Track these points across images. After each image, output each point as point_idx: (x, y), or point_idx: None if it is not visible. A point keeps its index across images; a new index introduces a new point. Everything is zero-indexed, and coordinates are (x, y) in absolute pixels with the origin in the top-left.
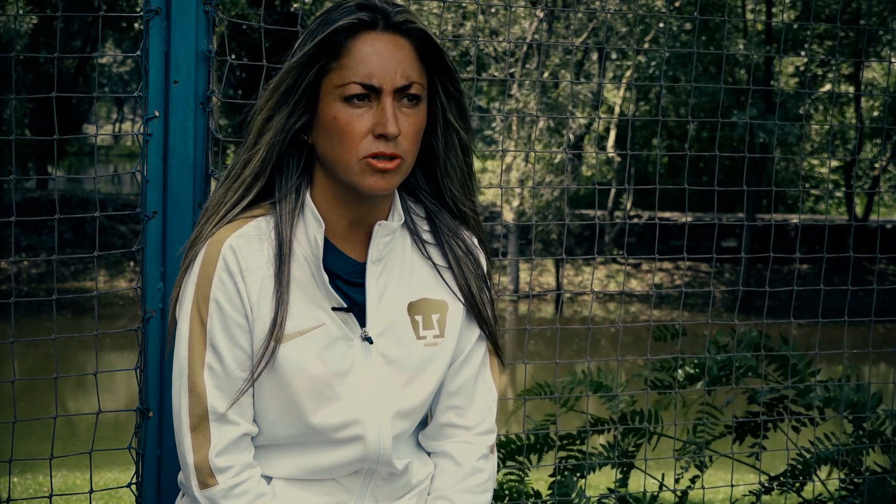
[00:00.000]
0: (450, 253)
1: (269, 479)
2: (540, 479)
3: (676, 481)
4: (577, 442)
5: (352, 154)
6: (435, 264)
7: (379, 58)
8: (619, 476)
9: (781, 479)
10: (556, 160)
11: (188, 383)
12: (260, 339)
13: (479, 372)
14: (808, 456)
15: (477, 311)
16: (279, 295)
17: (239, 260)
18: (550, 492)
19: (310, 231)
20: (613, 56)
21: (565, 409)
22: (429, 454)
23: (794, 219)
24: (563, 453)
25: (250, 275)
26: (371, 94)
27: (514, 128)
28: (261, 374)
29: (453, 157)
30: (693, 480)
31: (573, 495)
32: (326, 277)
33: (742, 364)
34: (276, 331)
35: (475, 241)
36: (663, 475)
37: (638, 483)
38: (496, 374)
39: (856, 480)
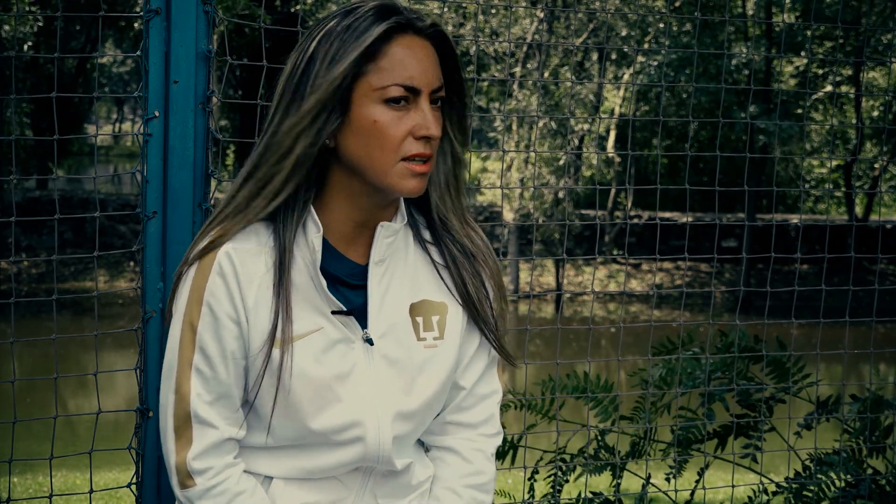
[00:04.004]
0: (447, 252)
1: (269, 478)
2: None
3: (668, 480)
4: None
5: (391, 156)
6: (434, 262)
7: (417, 60)
8: (614, 482)
9: (786, 484)
10: (561, 162)
11: (175, 385)
12: (258, 344)
13: (485, 371)
14: (810, 462)
15: (474, 310)
16: (280, 302)
17: (235, 265)
18: (551, 490)
19: (309, 236)
20: (614, 56)
21: (544, 417)
22: (428, 451)
23: (795, 219)
24: (549, 460)
25: (247, 280)
26: (409, 96)
27: (514, 128)
28: (261, 380)
29: (442, 163)
30: (696, 482)
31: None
32: (325, 282)
33: (723, 367)
34: (275, 336)
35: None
36: (665, 476)
37: (630, 487)
38: (502, 374)
39: (850, 481)
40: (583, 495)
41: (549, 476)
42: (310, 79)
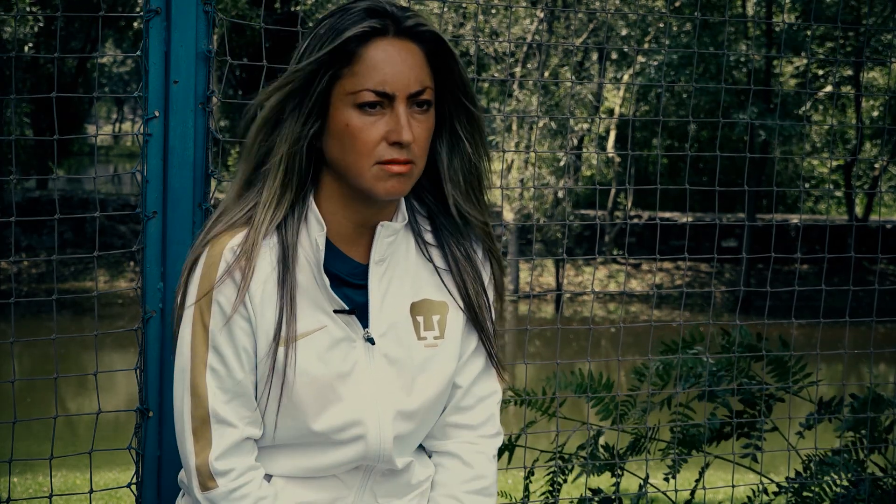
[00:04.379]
0: (449, 255)
1: (268, 476)
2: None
3: (666, 479)
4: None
5: (365, 161)
6: (435, 266)
7: (392, 65)
8: (614, 481)
9: (786, 484)
10: (561, 163)
11: (190, 385)
12: (264, 342)
13: (483, 372)
14: (811, 463)
15: (473, 314)
16: (284, 300)
17: (241, 262)
18: (549, 489)
19: (312, 234)
20: (614, 56)
21: (544, 414)
22: (430, 456)
23: (795, 219)
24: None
25: (253, 279)
26: (384, 100)
27: (514, 128)
28: (270, 379)
29: (458, 163)
30: (696, 482)
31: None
32: (328, 280)
33: (725, 366)
34: (279, 334)
35: (479, 251)
36: (661, 476)
37: (629, 487)
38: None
39: (851, 480)
40: (582, 495)
41: (548, 475)
42: None
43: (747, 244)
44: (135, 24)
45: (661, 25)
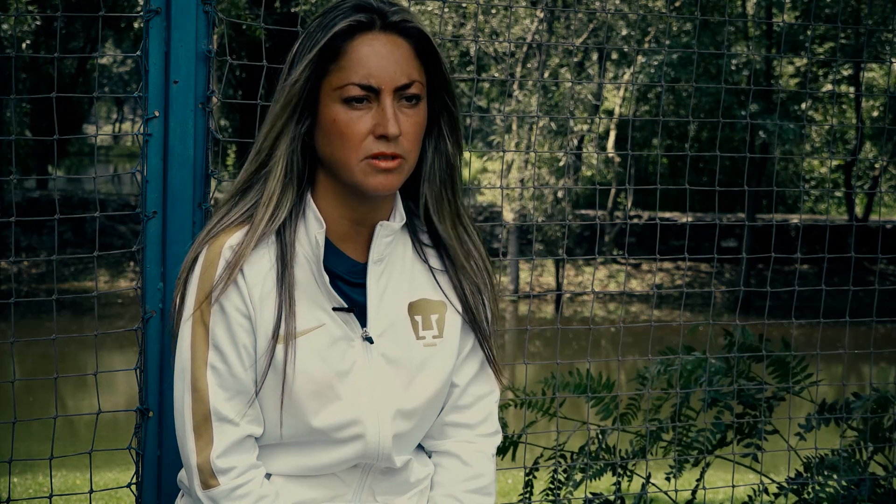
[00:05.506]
0: (445, 256)
1: (268, 475)
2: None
3: (668, 479)
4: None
5: (353, 155)
6: (431, 267)
7: (377, 58)
8: (615, 480)
9: (786, 485)
10: (561, 163)
11: (191, 384)
12: (263, 340)
13: (480, 371)
14: (812, 461)
15: (471, 315)
16: (283, 296)
17: (241, 261)
18: (551, 487)
19: (311, 232)
20: (614, 56)
21: (544, 414)
22: (429, 455)
23: (795, 219)
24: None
25: (253, 275)
26: (370, 94)
27: (513, 128)
28: (264, 376)
29: (437, 164)
30: (697, 482)
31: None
32: (327, 278)
33: (726, 369)
34: (278, 332)
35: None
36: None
37: (630, 487)
38: (499, 374)
39: (852, 480)
40: (584, 495)
41: (549, 475)
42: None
43: (747, 244)
44: (135, 24)
45: (662, 26)
